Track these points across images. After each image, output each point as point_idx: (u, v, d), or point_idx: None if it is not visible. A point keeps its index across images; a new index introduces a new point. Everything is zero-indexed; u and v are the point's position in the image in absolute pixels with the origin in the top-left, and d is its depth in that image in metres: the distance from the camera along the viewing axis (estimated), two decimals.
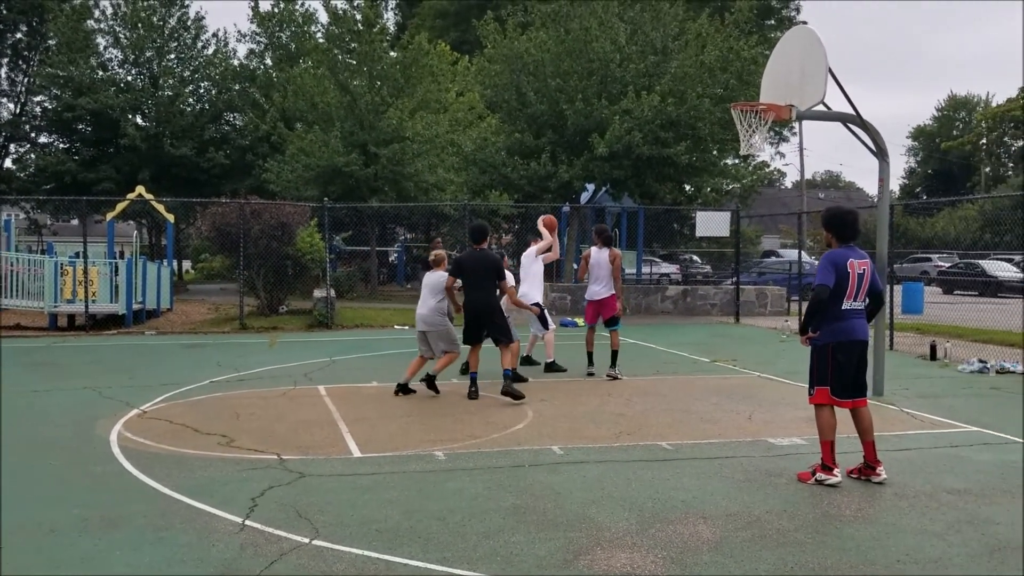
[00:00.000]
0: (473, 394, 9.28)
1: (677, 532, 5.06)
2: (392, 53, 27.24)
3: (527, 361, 11.89)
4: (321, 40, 29.10)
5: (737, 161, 29.34)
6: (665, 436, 7.61)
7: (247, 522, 5.18)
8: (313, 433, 7.63)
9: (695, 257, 37.70)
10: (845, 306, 6.12)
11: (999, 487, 6.02)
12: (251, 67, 34.52)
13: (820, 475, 6.13)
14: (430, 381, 9.55)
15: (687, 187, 29.03)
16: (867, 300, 6.25)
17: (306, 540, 4.88)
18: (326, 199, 19.60)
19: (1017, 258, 31.87)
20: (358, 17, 26.23)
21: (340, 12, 26.47)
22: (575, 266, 22.94)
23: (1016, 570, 4.52)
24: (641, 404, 9.12)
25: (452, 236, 28.13)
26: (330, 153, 23.84)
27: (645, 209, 24.66)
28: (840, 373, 6.15)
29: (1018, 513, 5.46)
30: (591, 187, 23.98)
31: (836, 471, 6.12)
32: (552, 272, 21.43)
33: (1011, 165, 66.12)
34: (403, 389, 9.50)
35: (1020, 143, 66.33)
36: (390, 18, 47.98)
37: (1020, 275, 27.87)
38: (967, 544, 4.88)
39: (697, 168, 24.57)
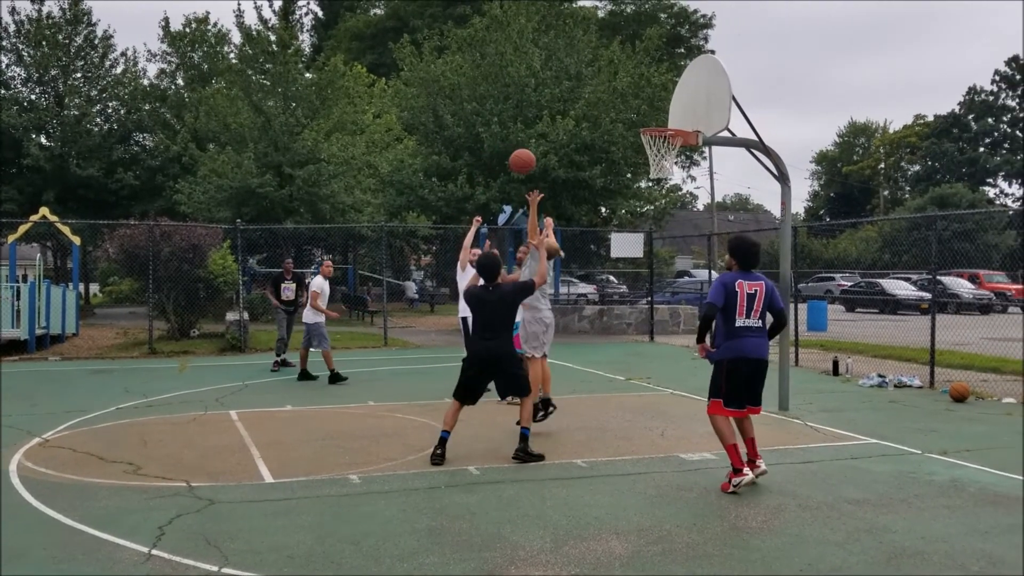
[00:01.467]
0: (438, 458, 7.31)
1: (590, 549, 5.14)
2: (307, 74, 27.05)
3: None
4: (234, 60, 28.71)
5: (650, 184, 30.00)
6: (580, 454, 7.70)
7: (153, 552, 5.05)
8: (224, 459, 7.48)
9: (611, 277, 38.27)
10: (739, 323, 6.47)
11: (896, 496, 6.29)
12: (162, 87, 33.79)
13: (735, 479, 6.39)
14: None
15: (603, 209, 29.51)
16: (767, 319, 6.58)
17: (215, 568, 4.79)
18: (239, 221, 19.26)
19: (914, 277, 33.31)
20: (272, 38, 25.98)
21: (254, 33, 26.18)
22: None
23: (911, 574, 4.72)
24: (557, 423, 9.20)
25: (370, 257, 27.92)
26: (243, 174, 23.48)
27: (562, 231, 24.95)
28: (733, 387, 6.54)
29: (912, 520, 5.72)
30: (508, 209, 24.15)
31: (745, 470, 6.42)
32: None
33: (907, 188, 69.23)
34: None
35: (915, 167, 69.53)
36: (305, 39, 47.63)
37: (917, 293, 29.12)
38: (866, 552, 5.09)
39: (612, 191, 25.02)
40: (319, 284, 12.79)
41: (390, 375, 13.74)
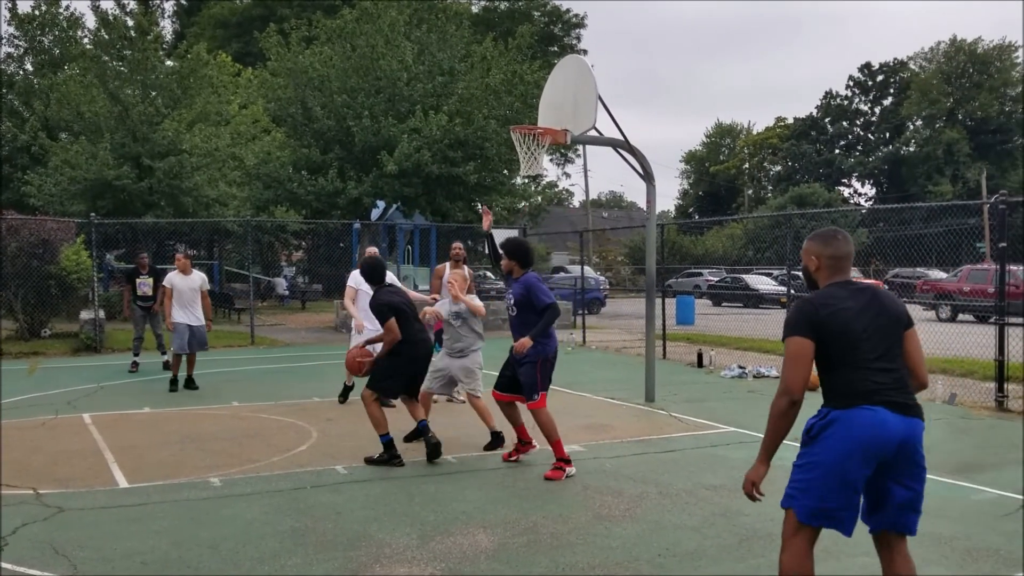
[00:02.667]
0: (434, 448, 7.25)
1: (456, 543, 5.15)
2: (168, 62, 25.99)
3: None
4: (89, 46, 27.26)
5: (525, 181, 30.32)
6: (451, 451, 7.68)
7: None
8: (75, 465, 7.10)
9: (488, 273, 38.48)
10: None
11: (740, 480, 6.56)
12: (8, 72, 31.72)
13: (569, 470, 6.75)
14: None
15: (478, 205, 29.61)
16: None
17: None
18: (94, 215, 18.30)
19: (775, 272, 34.89)
20: (130, 23, 24.82)
21: (110, 17, 24.94)
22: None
23: (763, 557, 4.94)
24: (431, 421, 9.15)
25: (237, 252, 27.08)
26: (99, 166, 22.34)
27: (436, 227, 24.89)
28: (549, 378, 7.04)
29: (763, 503, 5.97)
30: (382, 204, 23.92)
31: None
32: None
33: (770, 187, 72.49)
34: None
35: (777, 168, 72.89)
36: (166, 26, 45.72)
37: (778, 288, 30.49)
38: (720, 536, 5.29)
39: (487, 187, 25.12)
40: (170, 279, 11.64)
41: (256, 375, 13.36)
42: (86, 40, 29.86)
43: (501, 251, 7.22)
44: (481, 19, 44.45)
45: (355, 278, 10.15)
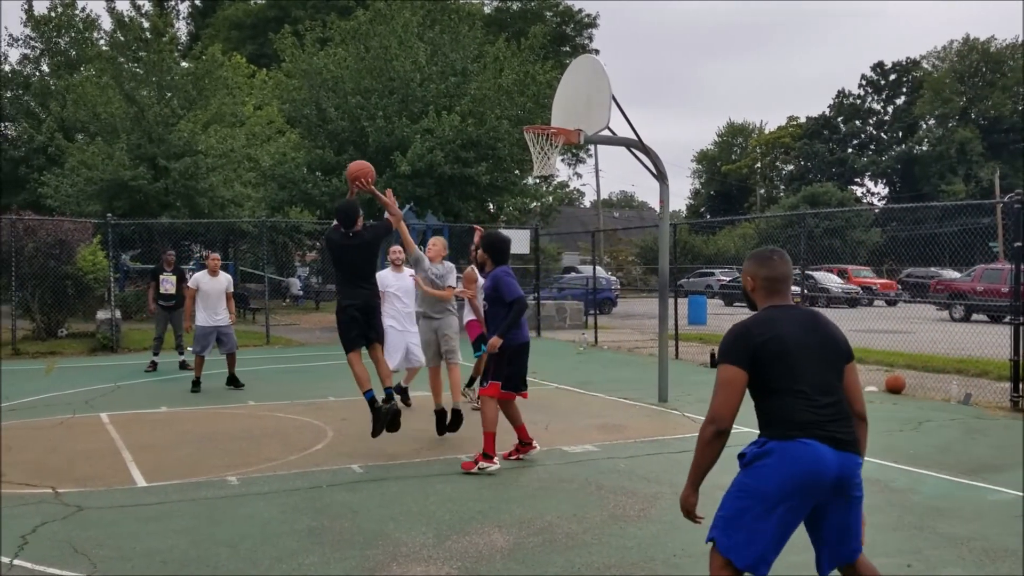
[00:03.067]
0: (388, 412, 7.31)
1: (472, 542, 5.18)
2: (184, 64, 26.12)
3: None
4: (105, 47, 27.44)
5: (537, 181, 30.34)
6: (465, 449, 7.72)
7: (16, 561, 4.82)
8: (93, 464, 7.17)
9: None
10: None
11: None
12: (25, 73, 31.98)
13: (483, 463, 6.81)
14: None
15: (490, 206, 29.64)
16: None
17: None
18: (110, 215, 18.43)
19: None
20: (146, 25, 24.97)
21: (126, 19, 25.10)
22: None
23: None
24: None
25: (252, 253, 27.19)
26: (115, 166, 22.49)
27: (449, 227, 24.93)
28: (517, 370, 7.15)
29: None
30: None
31: (496, 459, 6.91)
32: None
33: (782, 187, 72.27)
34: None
35: (789, 167, 72.67)
36: (181, 27, 46.00)
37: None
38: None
39: (498, 187, 25.15)
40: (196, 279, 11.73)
41: (272, 374, 13.44)
42: (102, 41, 30.08)
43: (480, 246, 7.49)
44: (493, 19, 44.49)
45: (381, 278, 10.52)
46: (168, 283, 13.47)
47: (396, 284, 9.49)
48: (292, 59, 24.68)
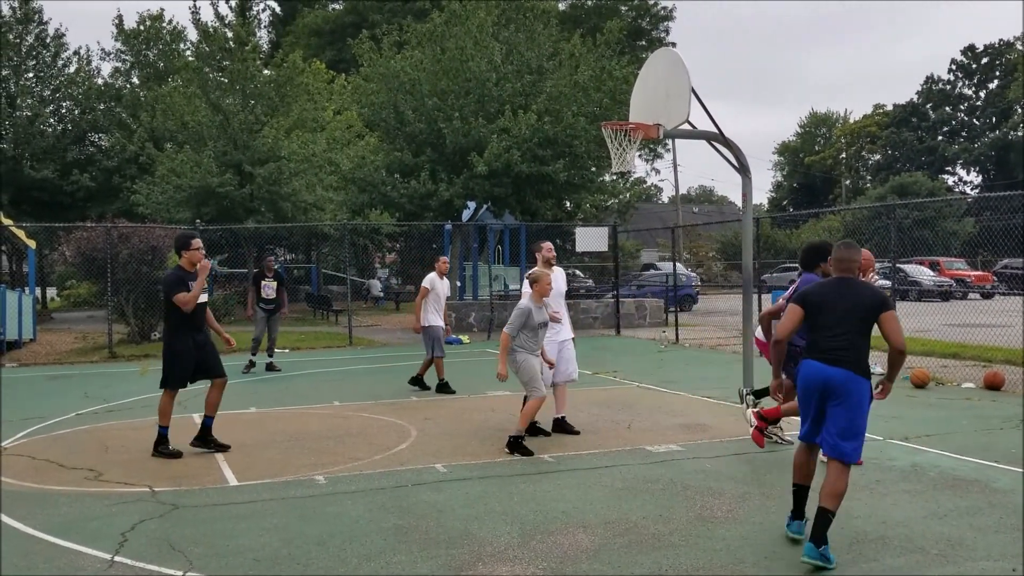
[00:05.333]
0: None
1: (557, 543, 5.15)
2: (266, 71, 26.76)
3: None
4: (191, 58, 28.34)
5: (614, 178, 30.14)
6: (547, 449, 7.71)
7: (116, 558, 4.98)
8: (187, 463, 7.38)
9: (577, 272, 38.43)
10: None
11: (858, 482, 6.36)
12: (116, 86, 33.26)
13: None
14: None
15: (567, 203, 29.57)
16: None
17: (179, 573, 4.73)
18: (199, 221, 19.03)
19: (877, 265, 33.76)
20: (229, 35, 25.67)
21: (211, 30, 25.85)
22: (458, 284, 23.05)
23: (876, 561, 4.79)
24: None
25: (333, 255, 27.70)
26: (203, 173, 23.18)
27: (527, 226, 24.98)
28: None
29: (873, 506, 5.80)
30: (472, 205, 24.12)
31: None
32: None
33: (868, 178, 70.17)
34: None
35: (876, 157, 70.53)
36: (263, 36, 47.16)
37: (880, 282, 29.45)
38: (830, 539, 5.09)
39: (576, 185, 25.05)
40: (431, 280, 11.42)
41: (355, 374, 13.65)
42: (188, 52, 31.06)
43: None
44: (568, 16, 44.32)
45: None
46: (269, 288, 13.69)
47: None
48: (370, 63, 25.04)
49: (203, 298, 7.79)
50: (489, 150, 21.96)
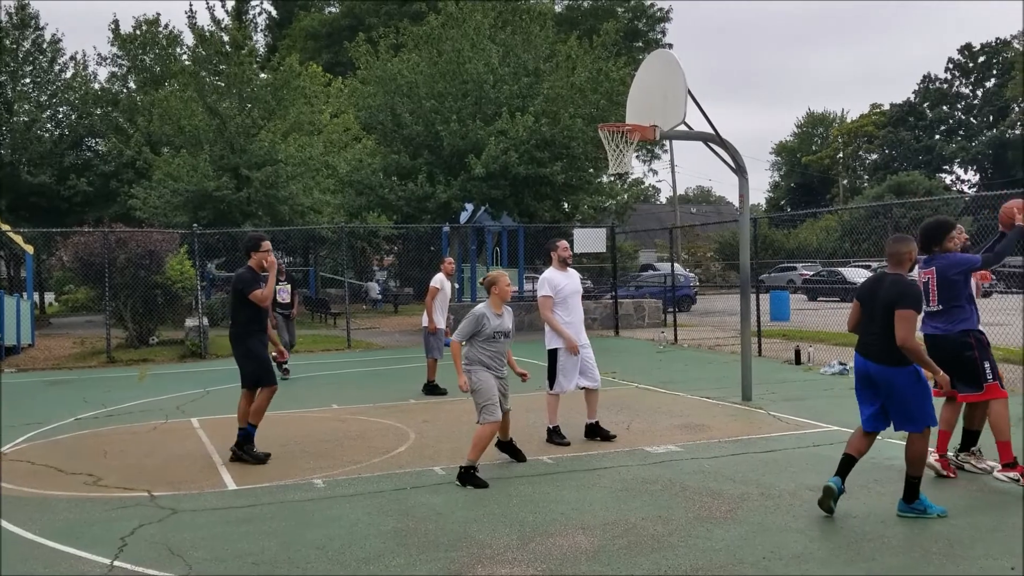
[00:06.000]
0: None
1: (556, 544, 5.15)
2: (262, 75, 26.79)
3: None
4: (187, 62, 28.35)
5: (612, 179, 30.16)
6: (546, 451, 7.71)
7: (116, 563, 4.98)
8: (186, 468, 7.38)
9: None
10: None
11: (856, 482, 6.36)
12: (113, 91, 33.25)
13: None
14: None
15: (565, 205, 29.58)
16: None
17: None
18: (196, 225, 19.03)
19: (874, 264, 33.79)
20: (225, 39, 25.68)
21: (207, 34, 25.85)
22: (456, 285, 23.02)
23: (874, 560, 4.79)
24: (523, 420, 9.20)
25: (331, 258, 27.70)
26: (199, 177, 23.19)
27: (525, 227, 24.98)
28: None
29: (872, 505, 5.81)
30: (470, 207, 24.12)
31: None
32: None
33: (866, 177, 70.23)
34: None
35: (873, 156, 70.59)
36: (259, 40, 47.16)
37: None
38: (827, 538, 5.15)
39: (573, 186, 25.06)
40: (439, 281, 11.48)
41: (354, 377, 13.65)
42: (185, 57, 31.07)
43: None
44: (565, 18, 44.36)
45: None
46: (284, 292, 13.49)
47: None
48: (367, 66, 25.05)
49: None
50: (486, 152, 21.97)
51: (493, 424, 6.73)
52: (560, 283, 8.01)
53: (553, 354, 8.02)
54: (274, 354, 8.57)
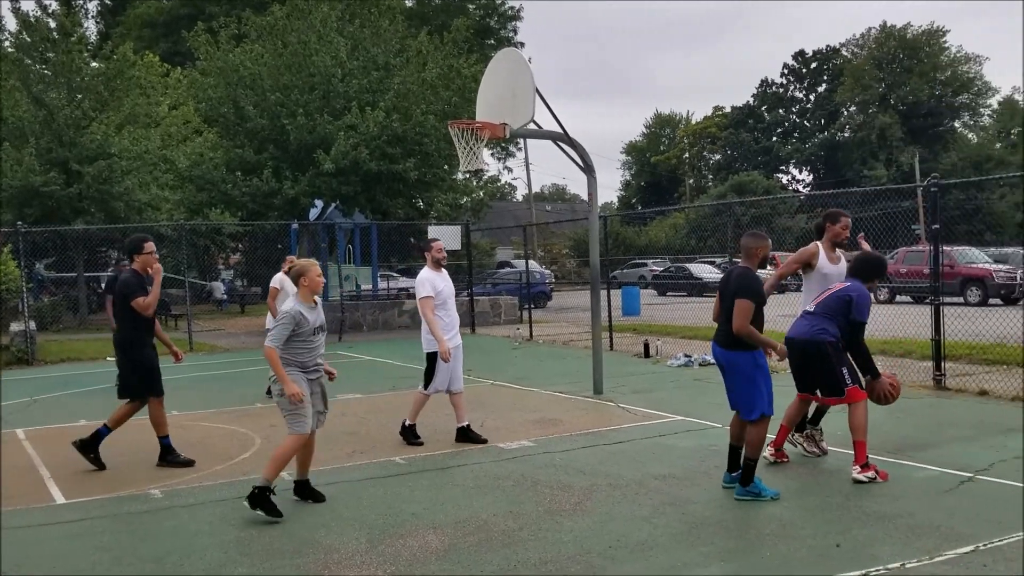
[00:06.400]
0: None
1: (406, 545, 5.07)
2: (94, 64, 25.26)
3: None
4: (10, 49, 26.39)
5: (466, 176, 30.22)
6: (399, 451, 7.60)
7: None
8: (9, 483, 6.83)
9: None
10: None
11: (698, 469, 6.60)
12: None
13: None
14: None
15: (419, 202, 29.41)
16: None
17: None
18: (20, 223, 17.72)
19: (718, 260, 35.32)
20: (53, 25, 24.07)
21: (31, 19, 24.15)
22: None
23: (713, 544, 4.96)
24: (376, 421, 9.06)
25: (172, 257, 26.46)
26: (24, 172, 21.63)
27: (377, 225, 24.66)
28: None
29: (713, 491, 6.03)
30: (320, 203, 23.60)
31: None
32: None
33: (710, 177, 73.44)
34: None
35: (716, 157, 73.89)
36: (91, 27, 44.59)
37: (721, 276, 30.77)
38: (670, 524, 5.30)
39: (427, 183, 24.97)
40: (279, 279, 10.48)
41: (195, 382, 13.02)
42: (7, 43, 28.91)
43: None
44: (415, 13, 44.07)
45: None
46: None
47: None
48: (207, 57, 24.08)
49: None
50: (336, 147, 21.56)
51: (299, 437, 5.82)
52: (439, 284, 7.86)
53: (432, 356, 7.85)
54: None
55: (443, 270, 8.08)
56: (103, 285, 13.37)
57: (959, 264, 23.00)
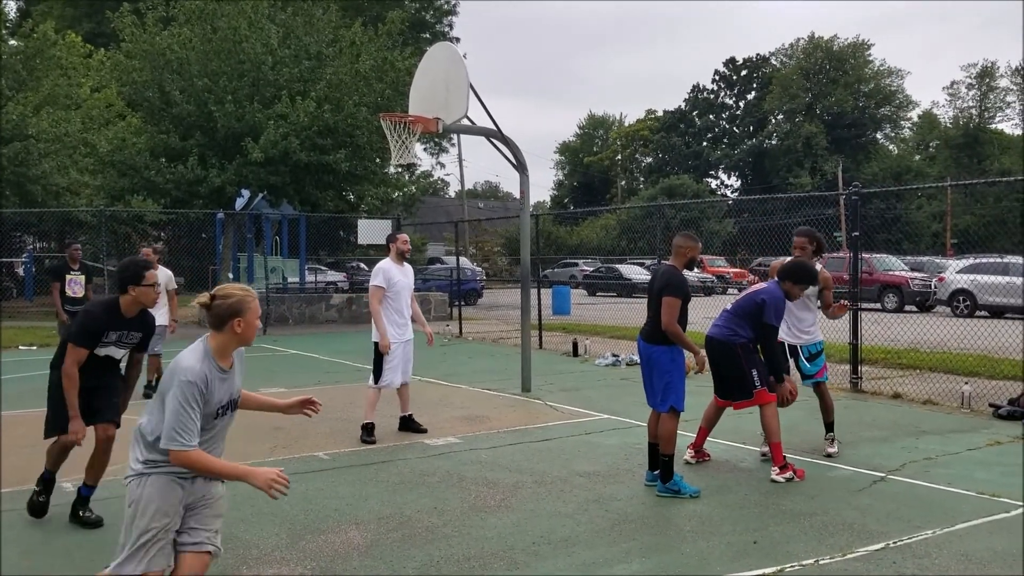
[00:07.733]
0: None
1: (328, 541, 4.99)
2: (12, 42, 24.31)
3: None
4: None
5: (399, 170, 29.97)
6: (322, 447, 7.49)
7: None
8: None
9: (363, 265, 37.94)
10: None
11: (622, 467, 6.66)
12: None
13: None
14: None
15: (350, 195, 29.06)
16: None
17: None
18: None
19: (647, 262, 35.77)
20: None
21: None
22: (231, 276, 21.94)
23: (635, 540, 5.00)
24: (300, 416, 8.86)
25: (91, 245, 25.62)
26: None
27: (307, 217, 24.28)
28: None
29: (635, 488, 6.08)
30: (247, 193, 23.11)
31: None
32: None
33: (642, 179, 74.37)
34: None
35: (648, 159, 74.84)
36: (10, 4, 42.85)
37: (650, 277, 31.16)
38: (593, 521, 5.33)
39: (358, 176, 24.68)
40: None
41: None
42: None
43: None
44: (349, 3, 43.49)
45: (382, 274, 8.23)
46: (76, 284, 10.93)
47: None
48: (132, 39, 23.37)
49: None
50: (265, 136, 21.17)
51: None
52: (395, 276, 7.85)
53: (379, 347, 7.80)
54: None
55: (405, 264, 8.11)
56: (24, 270, 12.70)
57: (878, 271, 23.73)
